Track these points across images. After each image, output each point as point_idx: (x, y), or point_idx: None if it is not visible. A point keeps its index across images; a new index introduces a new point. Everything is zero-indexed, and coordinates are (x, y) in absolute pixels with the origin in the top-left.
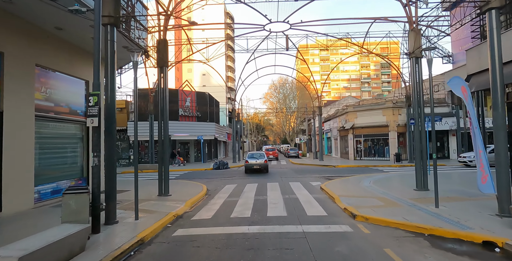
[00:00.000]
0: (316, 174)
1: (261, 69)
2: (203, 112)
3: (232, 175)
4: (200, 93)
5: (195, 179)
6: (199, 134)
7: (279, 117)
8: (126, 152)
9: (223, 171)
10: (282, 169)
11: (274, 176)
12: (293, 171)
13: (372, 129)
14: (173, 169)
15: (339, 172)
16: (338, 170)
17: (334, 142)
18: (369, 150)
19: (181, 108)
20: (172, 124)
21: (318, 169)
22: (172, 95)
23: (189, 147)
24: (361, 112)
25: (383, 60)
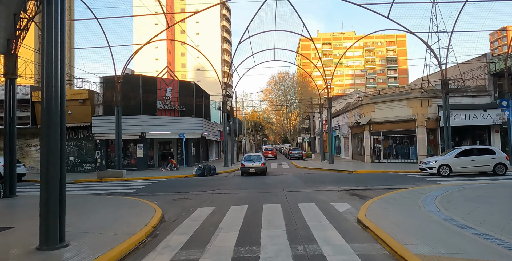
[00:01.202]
0: (333, 185)
1: (259, 53)
2: (188, 105)
3: (217, 186)
4: (185, 83)
5: (161, 193)
6: (182, 131)
7: (279, 114)
8: (92, 154)
9: (207, 179)
10: (284, 175)
11: (275, 188)
12: (300, 180)
13: (394, 124)
14: (153, 176)
15: (363, 182)
16: (359, 177)
17: (344, 141)
18: (389, 150)
19: (160, 100)
20: (148, 119)
21: (332, 176)
22: (148, 84)
23: (170, 147)
24: (380, 104)
25: (388, 54)
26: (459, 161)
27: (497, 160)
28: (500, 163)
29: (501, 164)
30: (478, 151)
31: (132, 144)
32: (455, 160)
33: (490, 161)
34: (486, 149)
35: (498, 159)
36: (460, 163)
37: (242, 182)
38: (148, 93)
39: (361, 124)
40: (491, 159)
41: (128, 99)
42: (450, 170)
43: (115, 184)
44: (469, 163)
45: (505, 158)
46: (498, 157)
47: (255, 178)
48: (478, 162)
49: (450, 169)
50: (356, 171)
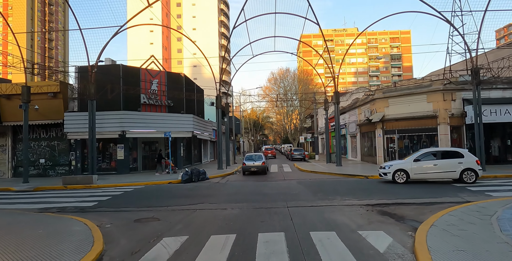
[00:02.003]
0: (351, 196)
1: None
2: (177, 101)
3: (202, 197)
4: (173, 74)
5: (127, 208)
6: (170, 129)
7: (279, 113)
8: (66, 155)
9: (193, 187)
10: (287, 182)
11: (275, 201)
12: (307, 189)
13: (411, 122)
14: (132, 182)
15: (387, 192)
16: (379, 185)
17: (351, 140)
18: (405, 151)
19: (145, 93)
20: (129, 115)
21: (345, 184)
22: (130, 75)
23: (156, 148)
24: (395, 98)
25: (392, 51)
26: (417, 166)
27: (465, 165)
28: (468, 168)
29: (470, 170)
30: (443, 154)
31: (113, 144)
32: (414, 164)
33: (456, 166)
34: (453, 151)
35: (467, 164)
36: (419, 168)
37: (235, 191)
38: (130, 86)
39: (372, 121)
40: (457, 164)
41: (106, 92)
42: (407, 177)
43: (79, 193)
44: (430, 169)
45: (475, 163)
46: (466, 161)
47: (252, 185)
48: (441, 168)
49: (407, 175)
50: (372, 176)
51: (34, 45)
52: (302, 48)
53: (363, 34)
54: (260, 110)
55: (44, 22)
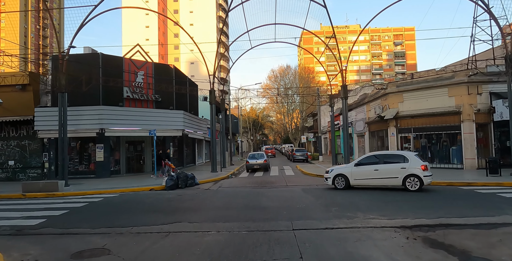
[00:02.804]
0: (377, 212)
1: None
2: (166, 95)
3: (183, 211)
4: (161, 66)
5: (78, 228)
6: (157, 127)
7: (280, 112)
8: (38, 156)
9: (177, 196)
10: (289, 189)
11: (276, 220)
12: (317, 200)
13: (429, 119)
14: (107, 189)
15: (419, 204)
16: (405, 194)
17: (358, 140)
18: (422, 151)
19: (128, 87)
20: (109, 111)
21: (361, 193)
22: (111, 66)
23: (143, 148)
24: (411, 92)
25: (396, 48)
26: (358, 171)
27: (408, 171)
28: (412, 174)
29: (414, 176)
30: (386, 158)
31: (92, 144)
32: (354, 169)
33: (398, 171)
34: (397, 155)
35: (410, 170)
36: (360, 173)
37: (226, 203)
38: (111, 78)
39: (385, 119)
40: (400, 170)
41: (82, 85)
42: (347, 183)
43: (35, 203)
44: (371, 174)
45: (419, 169)
46: (410, 166)
47: (248, 194)
48: (382, 173)
49: (347, 181)
50: None
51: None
52: (303, 45)
53: (366, 31)
54: (260, 108)
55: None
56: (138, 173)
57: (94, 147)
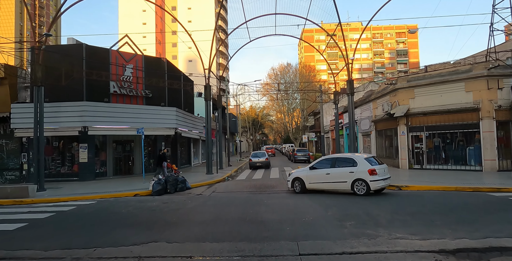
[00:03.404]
0: (402, 227)
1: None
2: (157, 91)
3: (165, 225)
4: (152, 59)
5: (30, 250)
6: (147, 125)
7: (280, 111)
8: (16, 157)
9: (161, 204)
10: (291, 195)
11: (279, 240)
12: (326, 211)
13: (443, 116)
14: (87, 194)
15: (450, 217)
16: (427, 203)
17: (363, 140)
18: (436, 152)
19: (115, 81)
20: (93, 107)
21: (377, 200)
22: (97, 58)
23: (132, 148)
24: (423, 88)
25: (398, 46)
26: (312, 175)
27: (356, 175)
28: (359, 179)
29: (361, 181)
30: (337, 161)
31: (76, 143)
32: (309, 173)
33: (347, 176)
34: (347, 159)
35: (358, 174)
36: (314, 177)
37: (217, 214)
38: (96, 71)
39: (394, 116)
40: (348, 174)
41: (60, 77)
42: (303, 186)
43: None
44: (323, 178)
45: (366, 172)
46: (358, 170)
47: (245, 201)
48: (334, 177)
49: (303, 185)
50: (406, 187)
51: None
52: (304, 43)
53: (367, 29)
54: (260, 107)
55: None
56: (127, 175)
57: (78, 147)
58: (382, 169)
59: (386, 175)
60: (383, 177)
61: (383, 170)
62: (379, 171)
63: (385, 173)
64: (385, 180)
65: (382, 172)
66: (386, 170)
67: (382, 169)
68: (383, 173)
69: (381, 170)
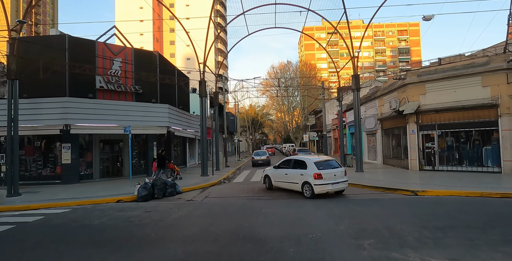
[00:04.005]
0: (435, 247)
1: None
2: (148, 87)
3: (136, 246)
4: (143, 52)
5: None
6: (137, 123)
7: (280, 110)
8: None
9: (143, 213)
10: (293, 201)
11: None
12: (337, 223)
13: (457, 113)
14: (66, 200)
15: (487, 233)
16: (451, 211)
17: (368, 139)
18: (448, 152)
19: (102, 76)
20: (76, 104)
21: (394, 208)
22: (81, 50)
23: (121, 149)
24: (435, 83)
25: (400, 44)
26: (276, 174)
27: (304, 178)
28: (307, 182)
29: (308, 184)
30: (294, 163)
31: (59, 143)
32: (274, 172)
33: (298, 178)
34: (301, 161)
35: (306, 177)
36: (277, 176)
37: (206, 227)
38: (79, 64)
39: (403, 114)
40: (299, 176)
41: (38, 71)
42: (270, 184)
43: None
44: (283, 177)
45: (312, 176)
46: (307, 173)
47: (240, 210)
48: (290, 177)
49: (271, 182)
50: (423, 192)
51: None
52: (304, 41)
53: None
54: (259, 106)
55: None
56: (115, 177)
57: (61, 147)
58: (331, 174)
59: (338, 179)
60: (332, 181)
61: (333, 174)
62: (326, 176)
63: (336, 177)
64: (334, 184)
65: (331, 176)
66: (340, 174)
67: (332, 173)
68: (333, 178)
69: (330, 174)
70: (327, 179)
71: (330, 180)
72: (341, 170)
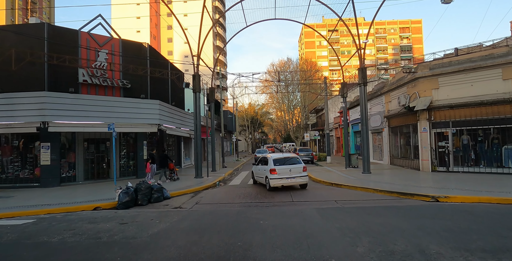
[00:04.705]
0: None
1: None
2: (138, 81)
3: None
4: (132, 43)
5: None
6: (124, 120)
7: (280, 108)
8: None
9: (118, 225)
10: (297, 210)
11: None
12: (351, 241)
13: (474, 109)
14: (39, 207)
15: None
16: (493, 220)
17: (373, 138)
18: (464, 152)
19: (87, 69)
20: (54, 99)
21: (417, 220)
22: (62, 40)
23: (108, 148)
24: (450, 76)
25: (402, 42)
26: (255, 170)
27: (265, 173)
28: (267, 176)
29: (267, 178)
30: (264, 160)
31: (38, 143)
32: (254, 168)
33: (263, 173)
34: (266, 158)
35: (266, 172)
36: (256, 171)
37: (190, 246)
38: (57, 54)
39: (414, 110)
40: (264, 171)
41: (14, 62)
42: (253, 178)
43: None
44: (258, 173)
45: (269, 172)
46: (267, 169)
47: (234, 220)
48: (260, 173)
49: (253, 177)
50: (445, 198)
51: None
52: (305, 39)
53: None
54: (259, 105)
55: None
56: (101, 180)
57: (40, 146)
58: (287, 169)
59: (294, 174)
60: (286, 176)
61: (289, 170)
62: (280, 171)
63: (291, 173)
64: (289, 179)
65: (286, 172)
66: (296, 170)
67: (288, 169)
68: (288, 173)
69: (285, 170)
70: (282, 174)
71: (284, 175)
72: (299, 166)
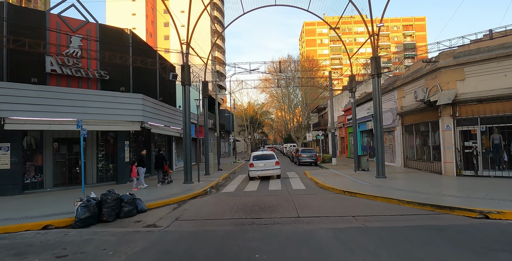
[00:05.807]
0: None
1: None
2: (119, 72)
3: None
4: (112, 29)
5: None
6: (101, 117)
7: (280, 108)
8: None
9: (54, 260)
10: (305, 230)
11: None
12: None
13: (508, 104)
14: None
15: None
16: None
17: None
18: (495, 153)
19: (55, 56)
20: (15, 91)
21: (481, 254)
22: (26, 22)
23: (84, 149)
24: (478, 65)
25: (405, 40)
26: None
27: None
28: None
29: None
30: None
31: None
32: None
33: None
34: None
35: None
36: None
37: None
38: (23, 38)
39: (437, 105)
40: None
41: None
42: (248, 174)
43: None
44: (259, 168)
45: (249, 165)
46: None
47: (217, 253)
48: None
49: (248, 173)
50: (499, 214)
51: None
52: (306, 36)
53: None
54: (258, 104)
55: None
56: (73, 186)
57: None
58: (261, 163)
59: (267, 167)
60: (261, 169)
61: (263, 164)
62: (256, 165)
63: (265, 166)
64: (263, 171)
65: (260, 165)
66: (269, 164)
67: (262, 163)
68: (262, 166)
69: (260, 164)
70: (257, 167)
71: (259, 168)
72: (271, 161)
